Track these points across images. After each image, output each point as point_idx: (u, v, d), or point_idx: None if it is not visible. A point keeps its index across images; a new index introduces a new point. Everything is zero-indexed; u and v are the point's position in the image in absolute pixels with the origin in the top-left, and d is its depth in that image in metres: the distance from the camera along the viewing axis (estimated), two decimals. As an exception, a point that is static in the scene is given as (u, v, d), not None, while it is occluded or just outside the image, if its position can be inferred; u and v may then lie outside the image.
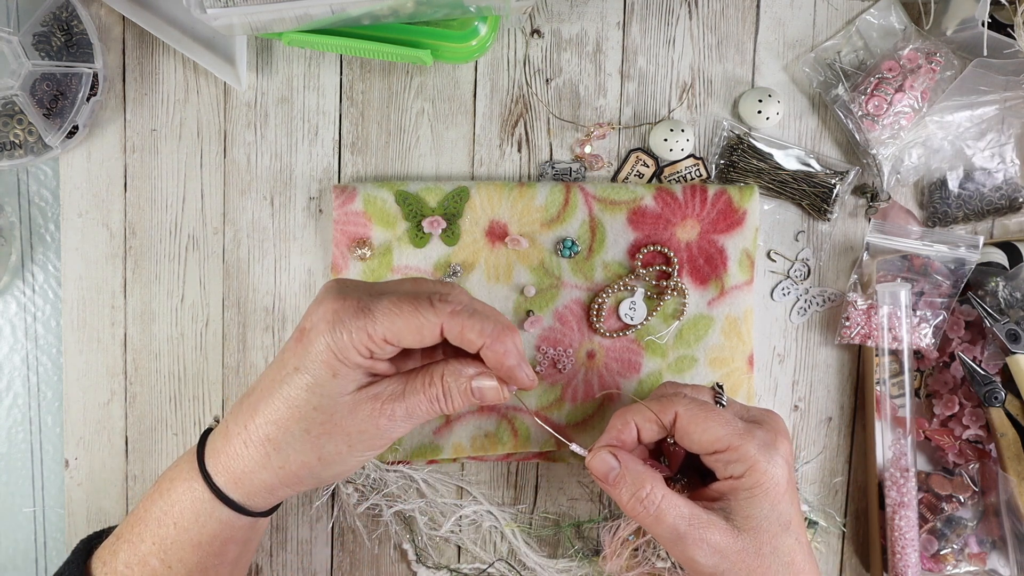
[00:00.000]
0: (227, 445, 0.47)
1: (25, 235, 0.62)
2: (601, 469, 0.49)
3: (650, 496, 0.48)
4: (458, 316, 0.45)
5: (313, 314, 0.45)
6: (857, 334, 0.61)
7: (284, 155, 0.62)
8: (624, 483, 0.48)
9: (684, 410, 0.49)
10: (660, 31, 0.62)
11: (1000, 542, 0.62)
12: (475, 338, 0.45)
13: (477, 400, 0.48)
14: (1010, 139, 0.63)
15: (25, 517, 0.63)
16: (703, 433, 0.48)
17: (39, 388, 0.62)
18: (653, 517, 0.48)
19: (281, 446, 0.46)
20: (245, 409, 0.47)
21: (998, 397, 0.59)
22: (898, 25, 0.62)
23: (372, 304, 0.45)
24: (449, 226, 0.60)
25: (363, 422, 0.46)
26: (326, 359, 0.44)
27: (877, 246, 0.62)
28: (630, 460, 0.49)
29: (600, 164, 0.62)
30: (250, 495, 0.47)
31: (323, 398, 0.45)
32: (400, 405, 0.46)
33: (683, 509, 0.48)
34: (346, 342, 0.44)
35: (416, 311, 0.44)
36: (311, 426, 0.45)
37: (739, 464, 0.48)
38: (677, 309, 0.60)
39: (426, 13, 0.52)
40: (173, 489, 0.48)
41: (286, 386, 0.45)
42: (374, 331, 0.44)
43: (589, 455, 0.50)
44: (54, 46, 0.57)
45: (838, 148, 0.64)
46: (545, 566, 0.62)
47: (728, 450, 0.48)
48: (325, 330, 0.44)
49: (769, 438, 0.48)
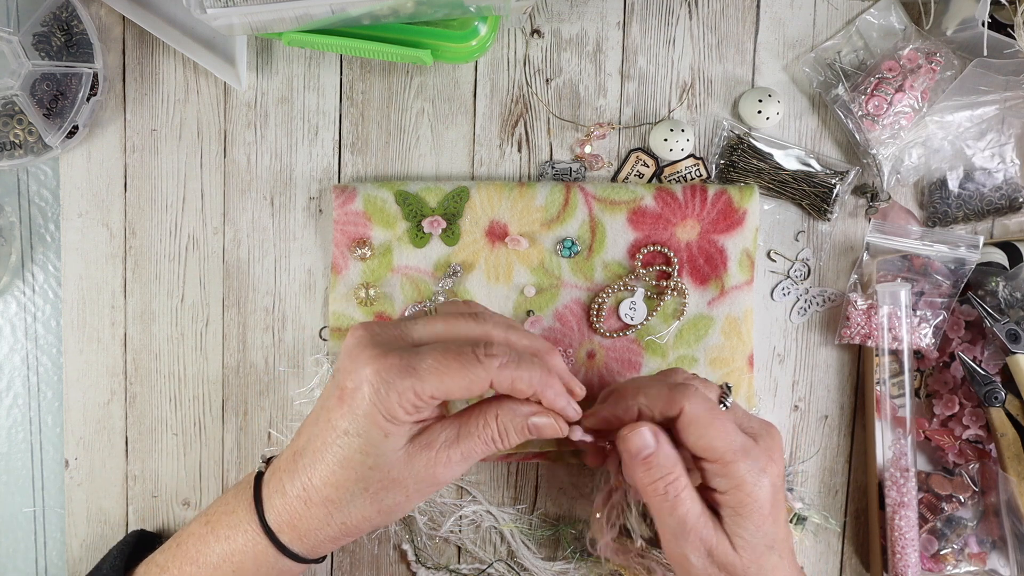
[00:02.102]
0: (287, 503, 0.47)
1: (25, 235, 0.62)
2: (637, 444, 0.48)
3: (675, 483, 0.48)
4: (507, 370, 0.45)
5: (353, 373, 0.45)
6: (857, 334, 0.61)
7: (284, 155, 0.62)
8: (655, 464, 0.48)
9: (690, 409, 0.48)
10: (660, 31, 0.62)
11: (1000, 542, 0.62)
12: (525, 389, 0.46)
13: (534, 436, 0.48)
14: (1010, 139, 0.63)
15: (25, 517, 0.63)
16: (699, 439, 0.48)
17: (39, 388, 0.62)
18: (670, 503, 0.48)
19: (342, 506, 0.46)
20: (300, 469, 0.47)
21: (998, 397, 0.59)
22: (898, 25, 0.62)
23: (416, 363, 0.44)
24: (449, 226, 0.60)
25: (420, 472, 0.46)
26: (375, 420, 0.44)
27: (877, 246, 0.62)
28: (665, 443, 0.49)
29: (600, 164, 0.62)
30: (314, 548, 0.48)
31: (378, 457, 0.45)
32: (456, 451, 0.46)
33: (696, 505, 0.48)
34: (393, 403, 0.44)
35: (464, 368, 0.44)
36: (369, 484, 0.46)
37: (725, 480, 0.48)
38: (677, 309, 0.60)
39: (426, 13, 0.52)
40: (233, 538, 0.48)
41: (339, 449, 0.45)
42: (422, 390, 0.44)
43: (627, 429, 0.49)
44: (54, 46, 0.57)
45: (838, 148, 0.64)
46: (544, 568, 0.62)
47: (718, 463, 0.48)
48: (370, 393, 0.44)
49: (762, 460, 0.48)
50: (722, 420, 0.48)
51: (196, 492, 0.62)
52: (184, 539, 0.50)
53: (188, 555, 0.49)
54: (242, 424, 0.62)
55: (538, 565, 0.62)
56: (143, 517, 0.62)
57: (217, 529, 0.49)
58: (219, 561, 0.48)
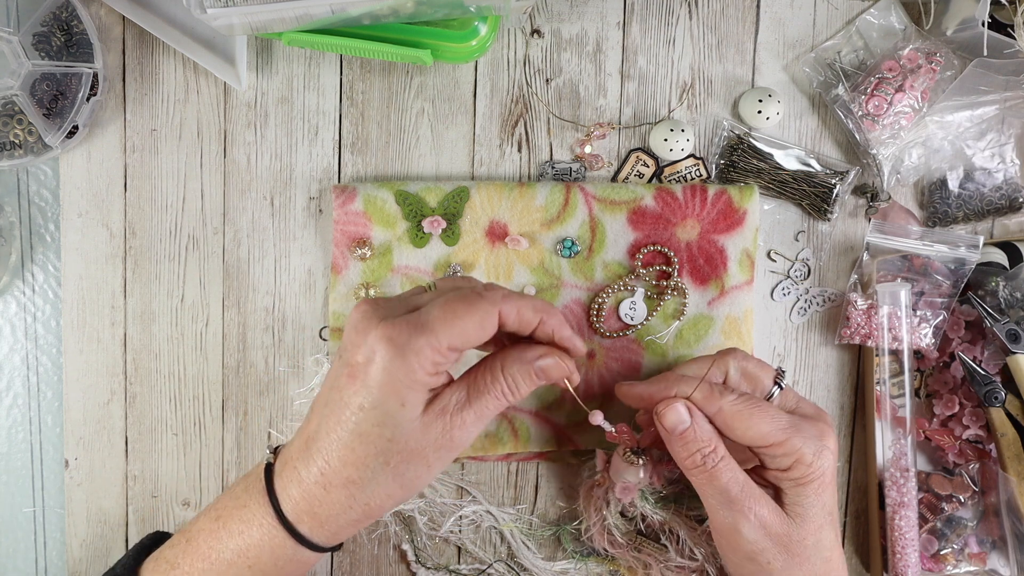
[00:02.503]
0: (304, 491, 0.46)
1: (25, 235, 0.62)
2: (672, 420, 0.49)
3: (712, 454, 0.48)
4: (510, 299, 0.45)
5: (362, 346, 0.44)
6: (857, 334, 0.61)
7: (284, 155, 0.62)
8: (692, 438, 0.49)
9: (727, 407, 0.49)
10: (660, 31, 0.62)
11: (1000, 542, 0.62)
12: (532, 316, 0.46)
13: (542, 381, 0.48)
14: (1010, 139, 0.63)
15: (25, 517, 0.63)
16: (748, 430, 0.48)
17: (39, 388, 0.62)
18: (708, 474, 0.48)
19: (363, 485, 0.45)
20: (315, 452, 0.46)
21: (998, 397, 0.59)
22: (898, 25, 0.62)
23: (423, 319, 0.44)
24: (449, 226, 0.60)
25: (438, 439, 0.45)
26: (393, 389, 0.44)
27: (877, 246, 0.62)
28: (700, 418, 0.49)
29: (600, 164, 0.62)
30: (334, 534, 0.47)
31: (396, 428, 0.44)
32: (469, 412, 0.46)
33: (738, 475, 0.49)
34: (412, 365, 0.43)
35: (471, 307, 0.44)
36: (389, 457, 0.45)
37: (785, 457, 0.48)
38: (677, 309, 0.60)
39: (426, 13, 0.52)
40: (247, 532, 0.46)
41: (355, 425, 0.44)
42: (439, 343, 0.43)
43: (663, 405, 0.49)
44: (54, 46, 0.57)
45: (838, 148, 0.64)
46: (544, 568, 0.62)
47: (773, 446, 0.48)
48: (386, 360, 0.43)
49: (816, 431, 0.49)
50: (762, 407, 0.49)
51: (196, 492, 0.62)
52: (194, 535, 0.48)
53: (199, 551, 0.47)
54: (242, 424, 0.62)
55: (538, 565, 0.62)
56: (143, 517, 0.62)
57: (229, 524, 0.47)
58: (233, 557, 0.47)
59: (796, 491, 0.49)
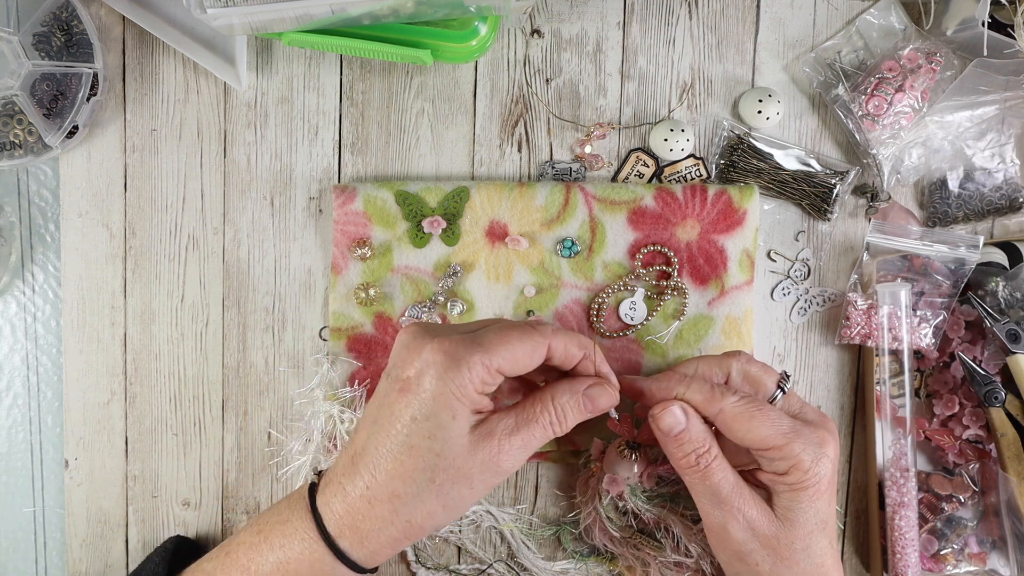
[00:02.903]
0: (348, 505, 0.46)
1: (25, 235, 0.62)
2: (668, 422, 0.50)
3: (706, 454, 0.49)
4: (559, 334, 0.48)
5: (415, 361, 0.45)
6: (857, 334, 0.61)
7: (284, 155, 0.62)
8: (687, 440, 0.50)
9: (729, 409, 0.49)
10: (660, 31, 0.62)
11: (1000, 542, 0.62)
12: (577, 351, 0.49)
13: (589, 410, 0.49)
14: (1010, 139, 0.63)
15: (25, 517, 0.63)
16: (748, 432, 0.49)
17: (39, 388, 0.62)
18: (701, 473, 0.49)
19: (408, 500, 0.45)
20: (362, 467, 0.46)
21: (998, 397, 0.59)
22: (898, 25, 0.62)
23: (479, 338, 0.46)
24: (449, 226, 0.60)
25: (484, 462, 0.46)
26: (445, 400, 0.45)
27: (877, 246, 0.62)
28: (695, 419, 0.50)
29: (600, 164, 0.62)
30: (374, 553, 0.47)
31: (445, 443, 0.45)
32: (517, 438, 0.47)
33: (729, 475, 0.49)
34: (464, 379, 0.45)
35: (525, 336, 0.47)
36: (435, 474, 0.45)
37: (783, 461, 0.48)
38: (677, 309, 0.60)
39: (426, 13, 0.52)
40: (288, 546, 0.47)
41: (405, 437, 0.45)
42: (491, 363, 0.45)
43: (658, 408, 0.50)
44: (54, 46, 0.57)
45: (838, 148, 0.64)
46: (544, 568, 0.62)
47: (772, 449, 0.48)
48: (440, 372, 0.45)
49: (817, 438, 0.49)
50: (764, 410, 0.49)
51: (196, 492, 0.62)
52: (234, 548, 0.48)
53: (239, 563, 0.48)
54: (242, 424, 0.62)
55: (538, 565, 0.62)
56: (143, 517, 0.62)
57: (271, 538, 0.47)
58: (272, 570, 0.47)
59: (789, 496, 0.49)
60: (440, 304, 0.60)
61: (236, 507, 0.62)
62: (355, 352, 0.60)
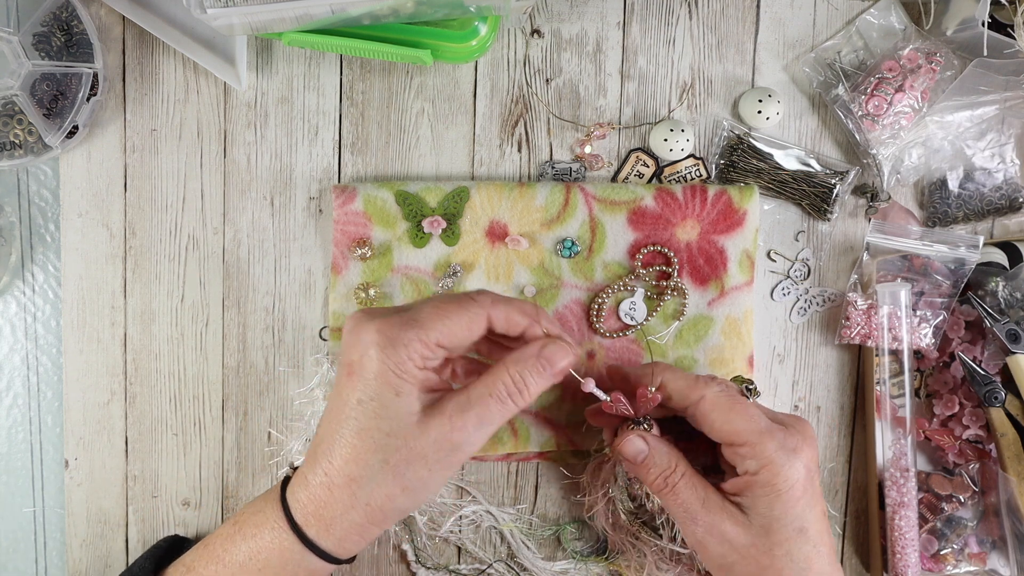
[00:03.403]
0: (310, 494, 0.47)
1: (25, 235, 0.62)
2: (631, 451, 0.51)
3: (672, 475, 0.50)
4: (500, 303, 0.48)
5: (356, 345, 0.46)
6: (857, 334, 0.61)
7: (284, 155, 0.62)
8: (651, 464, 0.51)
9: (712, 396, 0.50)
10: (660, 31, 0.62)
11: (1000, 542, 0.62)
12: (521, 318, 0.48)
13: (550, 373, 0.48)
14: (1010, 139, 0.63)
15: (25, 517, 0.63)
16: (724, 423, 0.49)
17: (39, 388, 0.62)
18: (670, 493, 0.50)
19: (364, 482, 0.46)
20: (320, 455, 0.47)
21: (998, 397, 0.59)
22: (898, 25, 0.62)
23: (416, 315, 0.46)
24: (449, 226, 0.60)
25: (437, 440, 0.46)
26: (386, 379, 0.45)
27: (877, 246, 0.62)
28: (657, 443, 0.51)
29: (600, 164, 0.62)
30: (341, 540, 0.47)
31: (393, 421, 0.45)
32: (470, 415, 0.46)
33: (699, 491, 0.50)
34: (402, 356, 0.45)
35: (462, 308, 0.47)
36: (388, 455, 0.45)
37: (755, 461, 0.48)
38: (677, 309, 0.60)
39: (426, 13, 0.52)
40: (259, 535, 0.47)
41: (354, 420, 0.46)
42: (428, 338, 0.45)
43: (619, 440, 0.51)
44: (54, 46, 0.57)
45: (838, 148, 0.64)
46: (544, 568, 0.62)
47: (746, 445, 0.48)
48: (377, 352, 0.45)
49: (791, 442, 0.49)
50: (744, 405, 0.50)
51: (196, 492, 0.62)
52: (212, 540, 0.49)
53: (215, 554, 0.48)
54: (242, 424, 0.62)
55: (538, 565, 0.62)
56: (143, 517, 0.62)
57: (244, 528, 0.48)
58: (245, 560, 0.48)
59: (765, 502, 0.48)
60: (440, 304, 0.60)
61: (236, 507, 0.62)
62: (355, 352, 0.60)
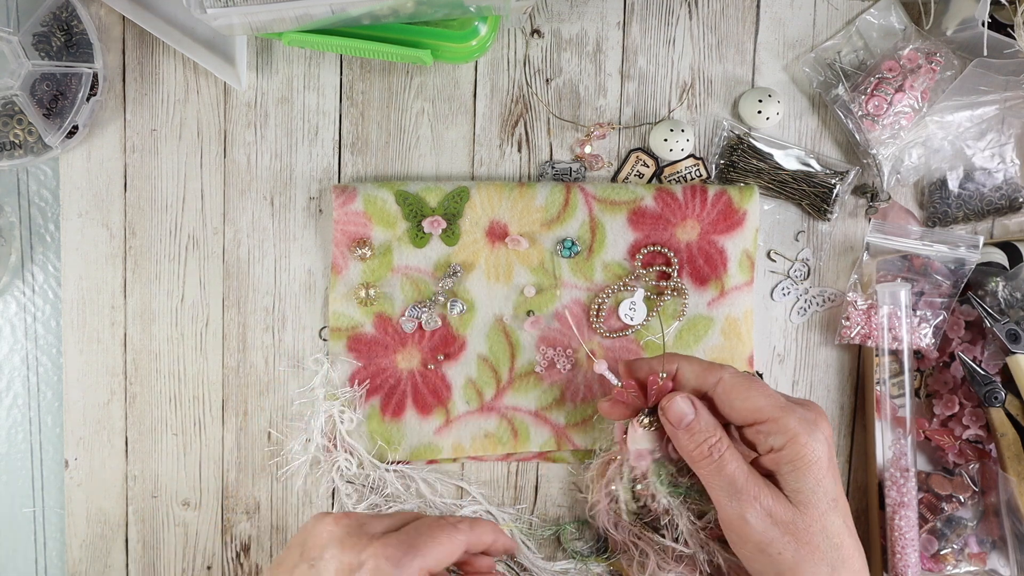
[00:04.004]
0: None
1: (25, 235, 0.62)
2: (676, 413, 0.51)
3: (718, 444, 0.50)
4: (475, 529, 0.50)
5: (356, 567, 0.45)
6: (857, 334, 0.61)
7: (284, 155, 0.62)
8: (697, 429, 0.50)
9: (729, 377, 0.50)
10: (660, 31, 0.62)
11: (1000, 542, 0.62)
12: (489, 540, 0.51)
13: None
14: (1010, 139, 0.63)
15: (25, 517, 0.63)
16: (744, 401, 0.49)
17: (39, 388, 0.62)
18: (716, 464, 0.49)
19: None
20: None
21: (998, 397, 0.59)
22: (898, 25, 0.62)
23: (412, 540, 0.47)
24: (449, 226, 0.60)
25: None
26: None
27: (877, 246, 0.62)
28: (703, 410, 0.51)
29: (600, 164, 0.62)
30: None
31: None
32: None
33: (743, 465, 0.50)
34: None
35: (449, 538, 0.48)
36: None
37: (779, 436, 0.49)
38: (677, 310, 0.60)
39: (426, 13, 0.52)
40: None
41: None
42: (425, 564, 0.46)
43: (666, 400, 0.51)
44: (54, 46, 0.57)
45: (838, 148, 0.64)
46: (544, 568, 0.62)
47: (768, 421, 0.49)
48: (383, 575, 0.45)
49: (810, 416, 0.49)
50: (761, 384, 0.51)
51: (196, 492, 0.62)
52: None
53: None
54: (242, 424, 0.62)
55: (538, 565, 0.62)
56: (143, 517, 0.62)
57: None
58: None
59: (795, 476, 0.48)
60: (440, 304, 0.60)
61: (236, 507, 0.62)
62: (355, 352, 0.60)
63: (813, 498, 0.48)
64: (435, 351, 0.60)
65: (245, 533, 0.63)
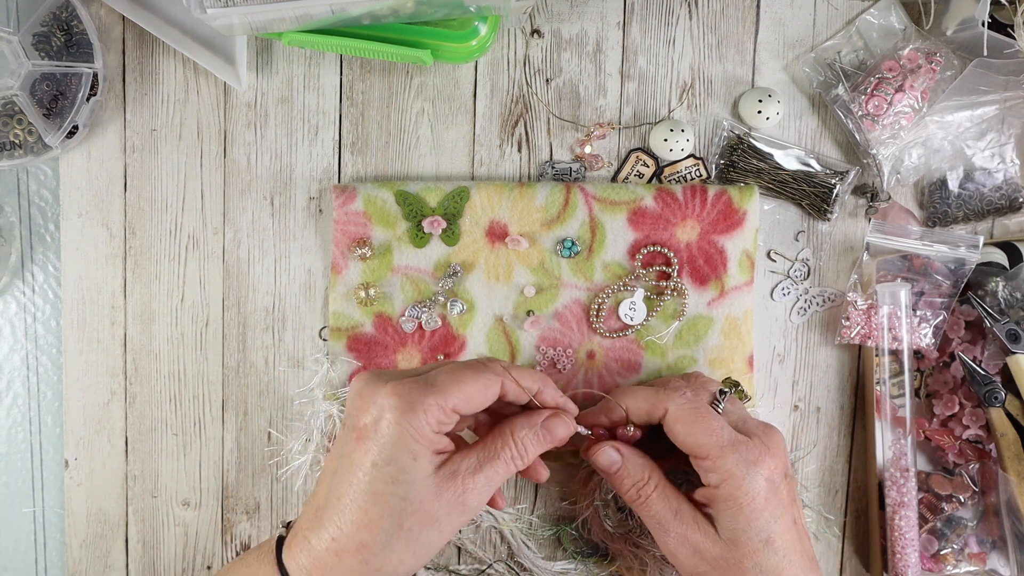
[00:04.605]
0: (315, 558, 0.45)
1: (25, 235, 0.62)
2: (604, 462, 0.52)
3: (645, 488, 0.51)
4: (512, 370, 0.49)
5: (370, 407, 0.45)
6: (857, 334, 0.61)
7: (284, 155, 0.62)
8: (624, 475, 0.52)
9: (675, 409, 0.51)
10: (660, 31, 0.62)
11: (1000, 542, 0.62)
12: (531, 385, 0.49)
13: (549, 442, 0.50)
14: (1010, 139, 0.63)
15: (25, 517, 0.63)
16: (687, 437, 0.50)
17: (39, 388, 0.62)
18: (644, 504, 0.51)
19: (377, 549, 0.44)
20: (326, 519, 0.45)
21: (998, 397, 0.59)
22: (898, 25, 0.62)
23: (432, 380, 0.46)
24: (449, 226, 0.60)
25: (450, 502, 0.46)
26: (405, 444, 0.45)
27: (877, 246, 0.62)
28: (631, 454, 0.52)
29: (600, 164, 0.62)
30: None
31: (409, 486, 0.45)
32: (480, 476, 0.47)
33: (672, 503, 0.51)
34: (420, 420, 0.45)
35: (476, 375, 0.47)
36: (403, 519, 0.45)
37: (715, 475, 0.49)
38: (677, 310, 0.60)
39: (426, 13, 0.52)
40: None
41: (368, 484, 0.45)
42: (446, 403, 0.45)
43: (593, 450, 0.53)
44: (54, 46, 0.57)
45: (838, 148, 0.64)
46: (544, 568, 0.62)
47: (707, 459, 0.49)
48: (396, 416, 0.45)
49: (753, 454, 0.49)
50: (707, 418, 0.50)
51: (196, 492, 0.62)
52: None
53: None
54: (242, 424, 0.62)
55: (538, 565, 0.62)
56: (143, 517, 0.62)
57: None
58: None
59: (728, 515, 0.49)
60: (440, 304, 0.60)
61: (236, 507, 0.62)
62: (355, 352, 0.60)
63: (743, 537, 0.49)
64: (435, 351, 0.60)
65: (245, 533, 0.63)
